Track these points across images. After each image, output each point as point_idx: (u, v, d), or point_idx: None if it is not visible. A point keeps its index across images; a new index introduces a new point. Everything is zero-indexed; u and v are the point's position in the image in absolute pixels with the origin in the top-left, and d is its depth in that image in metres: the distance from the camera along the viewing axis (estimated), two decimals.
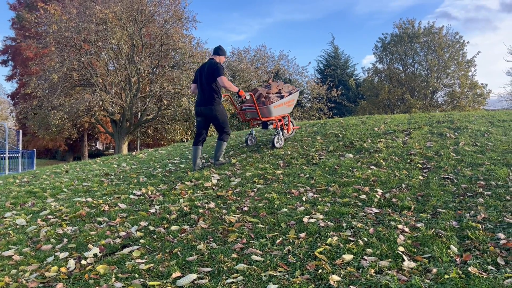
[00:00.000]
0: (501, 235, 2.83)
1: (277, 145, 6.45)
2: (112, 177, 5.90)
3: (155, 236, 3.41)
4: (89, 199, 4.65)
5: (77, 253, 3.18)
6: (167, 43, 19.91)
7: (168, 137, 21.94)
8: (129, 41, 19.38)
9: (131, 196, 4.63)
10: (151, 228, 3.60)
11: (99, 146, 43.88)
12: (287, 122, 6.87)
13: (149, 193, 4.71)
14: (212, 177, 5.05)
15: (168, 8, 20.57)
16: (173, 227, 3.55)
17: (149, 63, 19.65)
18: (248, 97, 6.20)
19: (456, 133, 5.98)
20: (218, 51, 5.86)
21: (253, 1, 77.74)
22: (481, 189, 3.80)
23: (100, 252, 3.14)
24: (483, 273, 2.38)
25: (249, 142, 7.03)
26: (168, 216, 3.83)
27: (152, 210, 4.06)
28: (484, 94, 28.33)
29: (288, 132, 7.00)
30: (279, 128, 6.51)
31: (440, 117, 7.33)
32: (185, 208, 3.98)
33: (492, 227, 3.02)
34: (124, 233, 3.49)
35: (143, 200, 4.48)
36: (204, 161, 6.20)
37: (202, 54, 21.23)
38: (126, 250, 3.14)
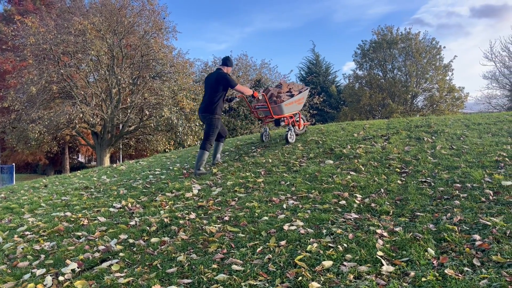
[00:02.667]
0: (477, 237, 2.88)
1: (290, 140, 6.91)
2: (91, 190, 5.82)
3: (134, 249, 3.37)
4: (68, 214, 4.57)
5: (54, 269, 3.12)
6: (148, 54, 19.83)
7: (150, 148, 21.76)
8: (109, 52, 19.24)
9: (111, 209, 4.58)
10: (131, 241, 3.55)
11: (81, 159, 43.22)
12: (298, 119, 7.36)
13: (129, 205, 4.66)
14: (193, 187, 5.02)
15: (148, 19, 20.53)
16: (153, 239, 3.51)
17: (130, 74, 19.52)
18: (260, 97, 6.64)
19: (433, 137, 6.09)
20: (226, 61, 6.17)
21: (232, 10, 78.13)
22: (457, 191, 3.87)
23: (78, 267, 3.09)
24: (459, 275, 2.42)
25: (264, 139, 7.51)
26: (148, 228, 3.79)
27: (132, 223, 4.02)
28: (462, 97, 28.96)
29: (299, 128, 7.45)
30: (291, 125, 7.01)
31: (418, 121, 7.45)
32: (165, 220, 3.95)
33: (468, 228, 3.08)
34: (103, 247, 3.44)
35: (123, 213, 4.43)
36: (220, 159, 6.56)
37: (183, 64, 21.21)
38: (105, 264, 3.10)
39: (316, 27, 68.71)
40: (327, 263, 2.71)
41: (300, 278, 2.56)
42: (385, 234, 3.11)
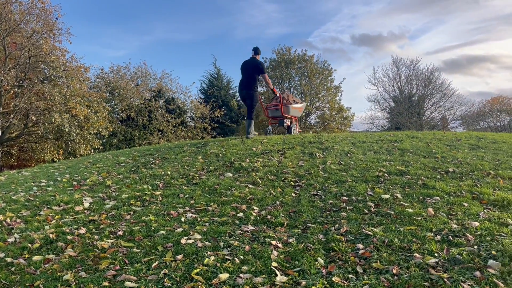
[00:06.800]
0: (360, 246, 3.14)
1: (293, 132, 9.22)
2: None
3: (13, 269, 3.05)
4: None
5: None
6: (37, 55, 18.24)
7: (36, 157, 19.90)
8: None
9: None
10: (9, 259, 3.20)
11: None
12: (295, 125, 9.44)
13: (8, 220, 4.20)
14: (83, 200, 4.71)
15: (38, 17, 18.96)
16: (36, 257, 3.21)
17: (14, 75, 17.75)
18: (278, 94, 9.09)
19: (324, 153, 6.52)
20: (257, 50, 8.43)
21: (131, 16, 75.22)
22: (344, 204, 4.19)
23: None
24: (345, 282, 2.61)
25: (268, 133, 9.41)
26: (30, 245, 3.46)
27: (11, 240, 3.63)
28: (349, 117, 31.54)
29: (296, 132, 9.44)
30: (293, 123, 9.32)
31: (311, 138, 7.94)
32: (51, 236, 3.63)
33: (353, 238, 3.34)
34: None
35: (0, 229, 3.98)
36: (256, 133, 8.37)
37: (77, 69, 19.93)
38: None
39: (218, 42, 69.44)
40: (224, 276, 2.73)
41: None
42: (280, 245, 3.23)
